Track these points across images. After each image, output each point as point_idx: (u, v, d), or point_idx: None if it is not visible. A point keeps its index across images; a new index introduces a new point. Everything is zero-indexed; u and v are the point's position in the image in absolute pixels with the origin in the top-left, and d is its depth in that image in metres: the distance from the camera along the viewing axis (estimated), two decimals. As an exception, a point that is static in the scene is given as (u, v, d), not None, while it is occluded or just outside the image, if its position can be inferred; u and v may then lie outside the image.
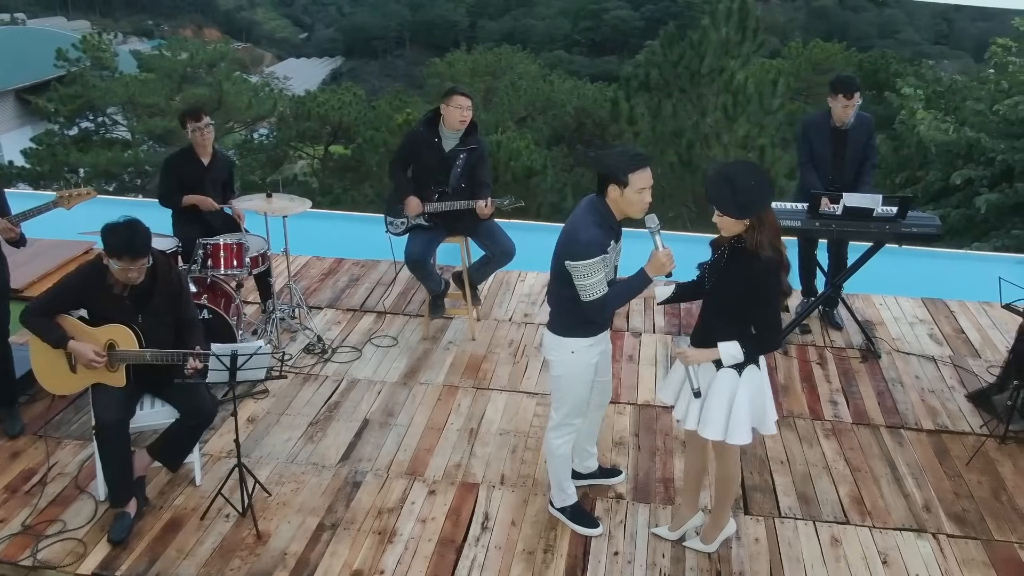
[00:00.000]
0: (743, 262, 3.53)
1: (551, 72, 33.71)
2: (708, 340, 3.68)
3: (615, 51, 61.43)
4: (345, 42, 63.59)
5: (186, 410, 4.26)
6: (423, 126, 5.57)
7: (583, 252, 3.62)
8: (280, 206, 5.41)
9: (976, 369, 5.70)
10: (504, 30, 60.88)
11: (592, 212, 3.72)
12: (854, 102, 5.71)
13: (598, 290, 3.67)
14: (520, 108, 30.32)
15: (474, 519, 4.30)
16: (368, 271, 7.05)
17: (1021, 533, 4.27)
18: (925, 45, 58.55)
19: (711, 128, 16.27)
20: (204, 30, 55.68)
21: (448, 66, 31.85)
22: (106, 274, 4.13)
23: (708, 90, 16.36)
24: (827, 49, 34.91)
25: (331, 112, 28.33)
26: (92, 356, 4.11)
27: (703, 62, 15.96)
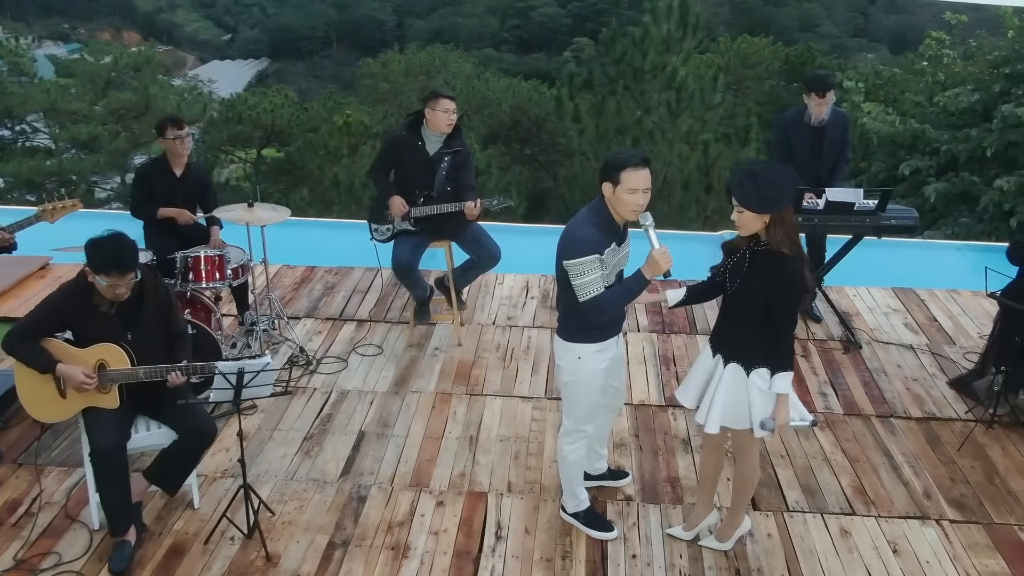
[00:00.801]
0: (767, 264, 3.53)
1: (484, 71, 33.68)
2: (732, 343, 3.69)
3: (543, 48, 61.75)
4: (270, 43, 62.57)
5: (185, 430, 4.09)
6: (405, 129, 5.47)
7: (577, 249, 3.59)
8: (262, 216, 5.25)
9: (953, 356, 5.85)
10: (432, 29, 60.64)
11: (591, 212, 3.69)
12: (827, 100, 5.82)
13: (593, 289, 3.62)
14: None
15: (487, 529, 4.23)
16: (343, 278, 6.91)
17: (1019, 515, 4.39)
18: (844, 38, 60.21)
19: (655, 124, 16.44)
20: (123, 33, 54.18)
21: (382, 66, 31.53)
22: (92, 292, 3.95)
23: (651, 87, 16.54)
24: (754, 44, 35.63)
25: (263, 115, 27.82)
26: (82, 378, 3.93)
27: (646, 59, 16.11)
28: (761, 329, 3.60)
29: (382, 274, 6.83)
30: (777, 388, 3.60)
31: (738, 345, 3.68)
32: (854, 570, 4.02)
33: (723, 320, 3.80)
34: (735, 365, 3.69)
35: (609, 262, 3.69)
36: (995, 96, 10.66)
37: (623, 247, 3.79)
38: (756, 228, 3.54)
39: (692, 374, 3.95)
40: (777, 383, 3.60)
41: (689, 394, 3.93)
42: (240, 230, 5.54)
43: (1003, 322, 5.20)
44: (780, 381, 3.59)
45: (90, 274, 3.88)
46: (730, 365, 3.70)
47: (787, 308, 3.59)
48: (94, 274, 3.84)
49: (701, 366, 3.89)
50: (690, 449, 4.88)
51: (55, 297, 4.03)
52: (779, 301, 3.54)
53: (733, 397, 3.72)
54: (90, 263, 3.84)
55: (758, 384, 3.64)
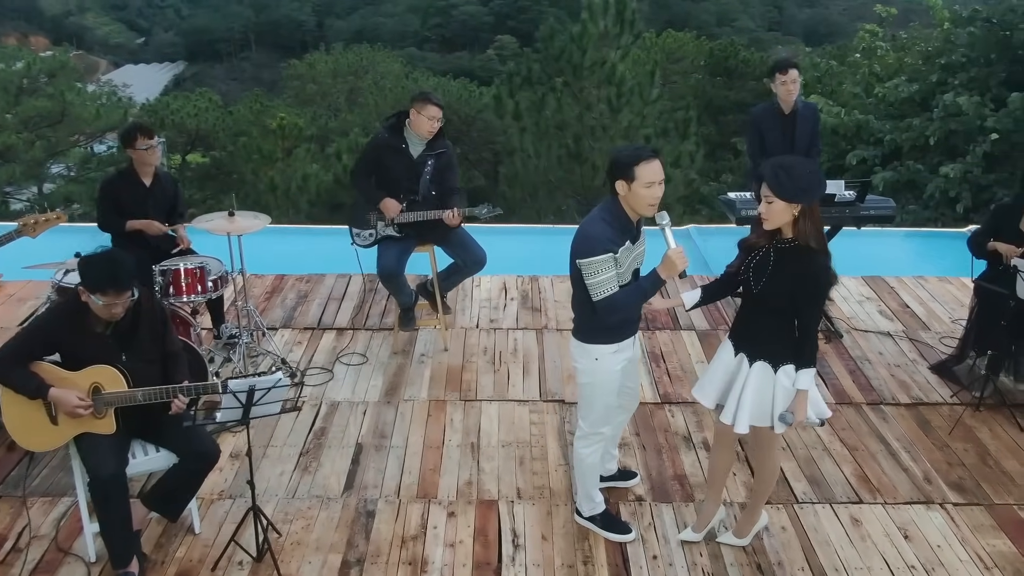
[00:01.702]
0: (794, 260, 3.51)
1: (413, 70, 33.48)
2: (758, 341, 3.67)
3: (466, 47, 61.70)
4: (186, 46, 61.00)
5: (187, 453, 3.91)
6: (387, 132, 5.34)
7: (589, 248, 3.56)
8: (243, 224, 5.06)
9: (930, 341, 5.99)
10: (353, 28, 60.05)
11: (603, 211, 3.65)
12: (791, 77, 5.89)
13: (607, 288, 3.58)
14: (386, 107, 29.94)
15: (503, 538, 4.15)
16: (315, 286, 6.73)
17: (1016, 495, 4.50)
18: (760, 32, 61.64)
19: (596, 121, 16.50)
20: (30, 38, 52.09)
21: (308, 67, 31.10)
22: (86, 313, 3.74)
23: (590, 83, 16.59)
24: (679, 39, 36.20)
25: (187, 119, 27.11)
26: (77, 403, 3.71)
27: (585, 55, 16.15)
28: (787, 326, 3.60)
29: (364, 280, 6.68)
30: (801, 384, 3.60)
31: (764, 343, 3.66)
32: (870, 558, 4.06)
33: (746, 318, 3.77)
34: (762, 363, 3.67)
35: (624, 261, 3.64)
36: (933, 86, 11.03)
37: (638, 245, 3.75)
38: (784, 221, 3.51)
39: (711, 373, 3.90)
40: (801, 379, 3.59)
41: (708, 394, 3.89)
42: (216, 240, 5.33)
43: (981, 307, 5.33)
44: (804, 377, 3.59)
45: (84, 293, 3.68)
46: (757, 364, 3.68)
47: (814, 304, 3.60)
48: (89, 293, 3.64)
49: (721, 365, 3.84)
50: (692, 445, 4.88)
51: (46, 319, 3.81)
52: (806, 297, 3.53)
53: (760, 395, 3.70)
54: (84, 282, 3.64)
55: (784, 382, 3.64)
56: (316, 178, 18.28)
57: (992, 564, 4.03)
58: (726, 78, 32.98)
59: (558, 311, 6.36)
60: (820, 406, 3.83)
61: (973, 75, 10.73)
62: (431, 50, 60.13)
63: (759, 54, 34.22)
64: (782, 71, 5.85)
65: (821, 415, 3.82)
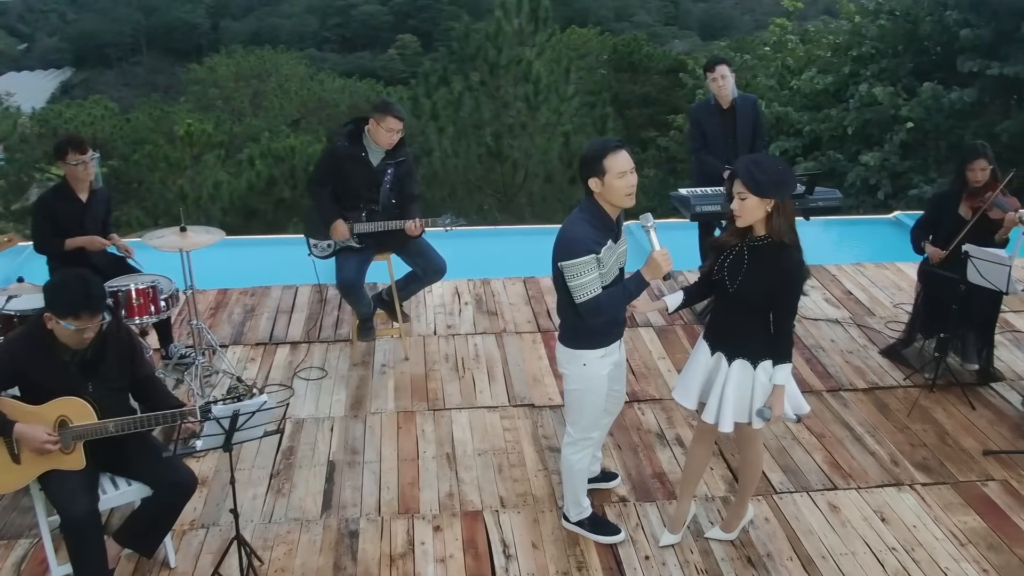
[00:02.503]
0: (769, 257, 3.53)
1: (318, 71, 32.90)
2: (736, 340, 3.69)
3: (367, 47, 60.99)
4: (73, 51, 58.43)
5: (163, 485, 3.72)
6: (346, 140, 5.19)
7: (571, 250, 3.52)
8: (196, 240, 4.85)
9: (876, 326, 6.18)
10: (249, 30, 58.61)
11: (583, 212, 3.62)
12: (719, 73, 6.01)
13: (590, 291, 3.56)
14: (292, 110, 29.40)
15: (493, 549, 4.09)
16: (260, 299, 6.51)
17: (978, 471, 4.68)
18: (658, 26, 62.80)
19: (514, 119, 16.51)
20: (-100, 45, 49.14)
21: (209, 71, 30.19)
22: (50, 341, 3.52)
23: (506, 81, 16.59)
24: (583, 35, 36.57)
25: (81, 128, 25.95)
26: (45, 438, 3.49)
27: (501, 54, 16.13)
28: (763, 323, 3.63)
29: (312, 291, 6.51)
30: (777, 379, 3.64)
31: (741, 341, 3.68)
32: (852, 543, 4.15)
33: (723, 317, 3.79)
34: (741, 361, 3.69)
35: (607, 260, 3.61)
36: (846, 78, 11.43)
37: (620, 243, 3.72)
38: (756, 218, 3.53)
39: (689, 374, 3.90)
40: (778, 374, 3.64)
41: (689, 395, 3.88)
42: (155, 256, 5.08)
43: (928, 292, 5.51)
44: (781, 372, 3.63)
45: (51, 320, 3.45)
46: (736, 362, 3.70)
47: (791, 299, 3.64)
48: (58, 319, 3.42)
49: (699, 365, 3.84)
50: (666, 442, 4.90)
51: (5, 350, 3.55)
52: (783, 293, 3.58)
53: (741, 393, 3.73)
54: (53, 307, 3.43)
55: (763, 379, 3.68)
56: (228, 185, 17.75)
57: (966, 540, 4.17)
58: (631, 73, 33.43)
59: (514, 314, 6.32)
60: (798, 400, 3.88)
61: (883, 66, 11.18)
62: (331, 51, 59.21)
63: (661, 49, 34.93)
64: (710, 69, 6.00)
65: (799, 410, 3.87)
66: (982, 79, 10.01)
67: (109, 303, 3.77)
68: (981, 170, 5.13)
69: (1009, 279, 4.83)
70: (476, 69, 16.37)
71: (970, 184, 5.20)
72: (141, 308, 4.73)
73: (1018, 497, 4.48)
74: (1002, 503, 4.43)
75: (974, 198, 5.23)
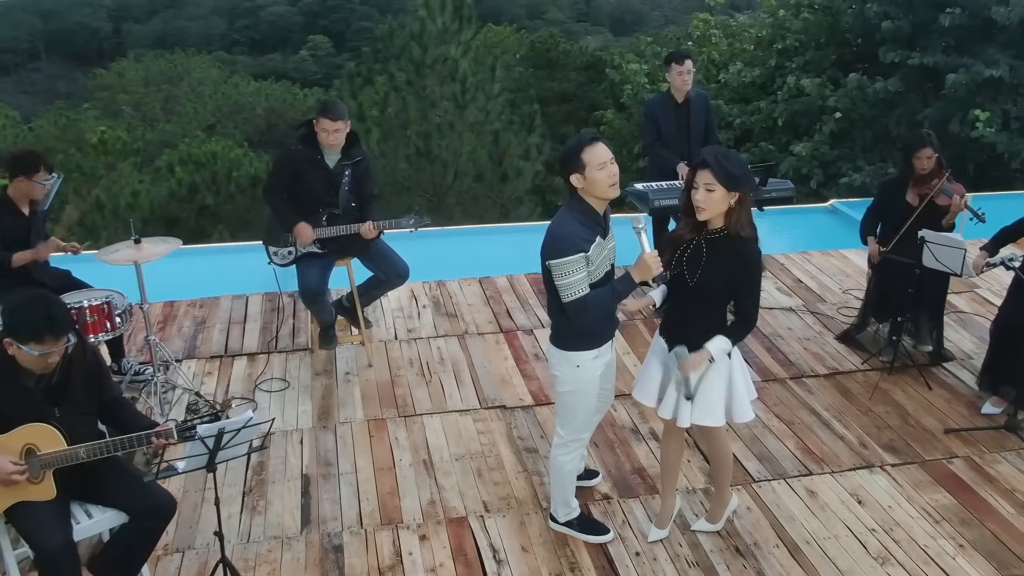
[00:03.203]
0: (728, 249, 3.52)
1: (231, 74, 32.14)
2: (694, 333, 3.64)
3: (278, 48, 59.83)
4: (-35, 58, 55.72)
5: (140, 510, 3.54)
6: (300, 144, 5.04)
7: (560, 249, 3.48)
8: (151, 251, 4.64)
9: (829, 312, 6.31)
10: (154, 34, 56.90)
11: (569, 210, 3.58)
12: (686, 67, 6.06)
13: (578, 290, 3.53)
14: (207, 115, 28.67)
15: (483, 555, 4.02)
16: (210, 311, 6.28)
17: (942, 449, 4.82)
18: (570, 23, 63.25)
19: (441, 118, 16.39)
20: None
21: (117, 76, 29.19)
22: (12, 367, 3.32)
23: (432, 80, 16.45)
24: (500, 32, 36.57)
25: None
26: (11, 468, 3.29)
27: (426, 53, 15.99)
28: (720, 314, 3.65)
29: (264, 299, 6.33)
30: (711, 345, 3.57)
31: (700, 335, 3.64)
32: (833, 527, 4.23)
33: (681, 312, 3.74)
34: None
35: (596, 258, 3.58)
36: (772, 71, 11.70)
37: (608, 240, 3.69)
38: (720, 211, 3.50)
39: (647, 372, 3.87)
40: (715, 342, 3.57)
41: (649, 392, 3.85)
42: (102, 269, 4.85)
43: (879, 277, 5.66)
44: (718, 342, 3.57)
45: (11, 345, 3.25)
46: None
47: (753, 289, 3.63)
48: (20, 344, 3.22)
49: (656, 362, 3.83)
50: (641, 437, 4.91)
51: None
52: (745, 284, 3.57)
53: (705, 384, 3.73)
54: (14, 331, 3.23)
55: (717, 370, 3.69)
56: (148, 194, 17.17)
57: (940, 517, 4.29)
58: (548, 70, 33.57)
59: (474, 315, 6.25)
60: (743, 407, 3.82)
61: (808, 58, 11.47)
62: (241, 53, 57.84)
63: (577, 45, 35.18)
64: (679, 61, 6.01)
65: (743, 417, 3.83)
66: (903, 69, 10.37)
67: (74, 324, 3.57)
68: (927, 158, 5.28)
69: (963, 262, 4.99)
70: (402, 69, 16.20)
71: (916, 172, 5.35)
72: (96, 325, 4.51)
73: (982, 472, 4.63)
74: (968, 479, 4.58)
75: (921, 186, 5.38)
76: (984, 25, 9.91)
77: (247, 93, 29.68)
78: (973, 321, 6.20)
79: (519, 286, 6.71)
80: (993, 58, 9.87)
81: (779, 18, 11.82)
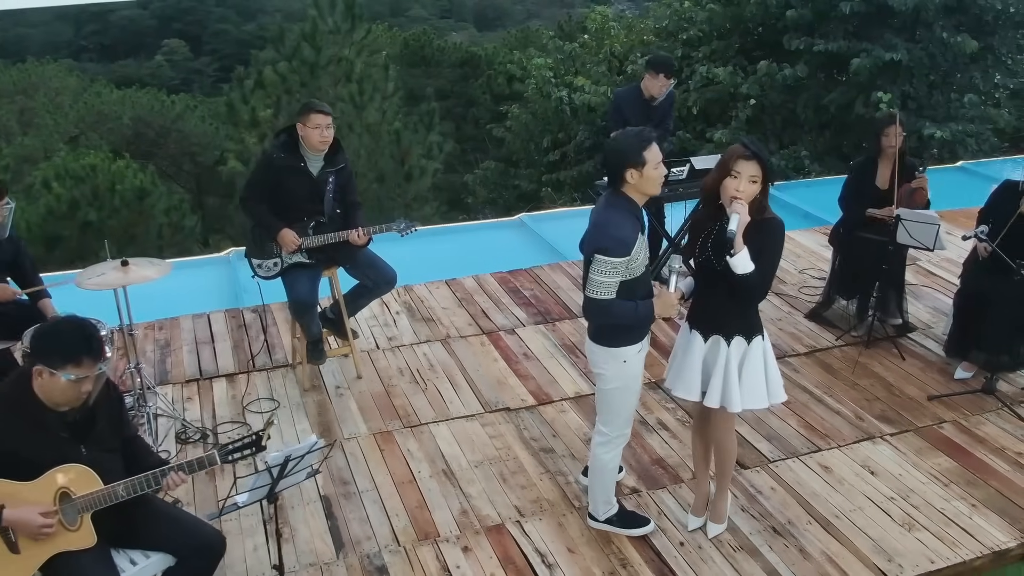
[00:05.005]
0: (755, 231, 3.52)
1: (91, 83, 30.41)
2: (728, 319, 3.71)
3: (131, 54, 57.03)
4: None
5: (188, 550, 3.31)
6: (281, 151, 4.80)
7: (611, 248, 3.46)
8: (140, 275, 4.32)
9: (793, 293, 6.52)
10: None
11: (619, 209, 3.55)
12: (671, 82, 6.15)
13: (607, 292, 3.50)
14: (69, 126, 27.01)
15: (531, 561, 3.95)
16: (172, 332, 5.91)
17: (931, 415, 5.06)
18: (435, 20, 62.98)
19: (339, 119, 16.00)
20: None
21: (-39, 89, 27.02)
22: (34, 405, 3.04)
23: (327, 82, 16.06)
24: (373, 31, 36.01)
25: None
26: (41, 521, 3.00)
27: (320, 53, 15.60)
28: None
29: (227, 316, 6.00)
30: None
31: (734, 319, 3.71)
32: (855, 499, 4.37)
33: (710, 299, 3.74)
34: (739, 339, 3.74)
35: (638, 255, 3.56)
36: (679, 60, 11.94)
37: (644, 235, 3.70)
38: (755, 193, 3.54)
39: (685, 366, 3.84)
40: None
41: (690, 387, 3.83)
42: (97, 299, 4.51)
43: (845, 256, 5.88)
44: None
45: (42, 374, 2.97)
46: (735, 340, 3.73)
47: (775, 265, 3.69)
48: (54, 370, 2.95)
49: (695, 354, 3.80)
50: (651, 428, 4.94)
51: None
52: (771, 261, 3.61)
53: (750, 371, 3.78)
54: (48, 356, 2.96)
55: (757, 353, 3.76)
56: (23, 212, 16.04)
57: (948, 480, 4.50)
58: (423, 67, 33.38)
59: (452, 318, 6.13)
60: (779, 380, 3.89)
61: (714, 48, 11.82)
62: (90, 60, 54.83)
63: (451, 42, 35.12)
64: (668, 75, 6.12)
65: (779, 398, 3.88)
66: (807, 55, 10.83)
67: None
68: (895, 135, 5.52)
69: (936, 237, 5.25)
70: (295, 71, 15.74)
71: (884, 149, 5.57)
72: (87, 356, 4.14)
73: (971, 434, 4.89)
74: (961, 442, 4.82)
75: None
76: (881, 11, 10.47)
77: (111, 102, 28.15)
78: (922, 292, 6.52)
79: (488, 286, 6.63)
80: (891, 42, 10.45)
81: (683, 9, 12.12)
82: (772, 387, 3.88)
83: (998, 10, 10.75)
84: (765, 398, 3.84)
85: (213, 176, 27.10)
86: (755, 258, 3.50)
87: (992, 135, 11.15)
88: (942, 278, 6.70)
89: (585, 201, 13.20)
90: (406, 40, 34.17)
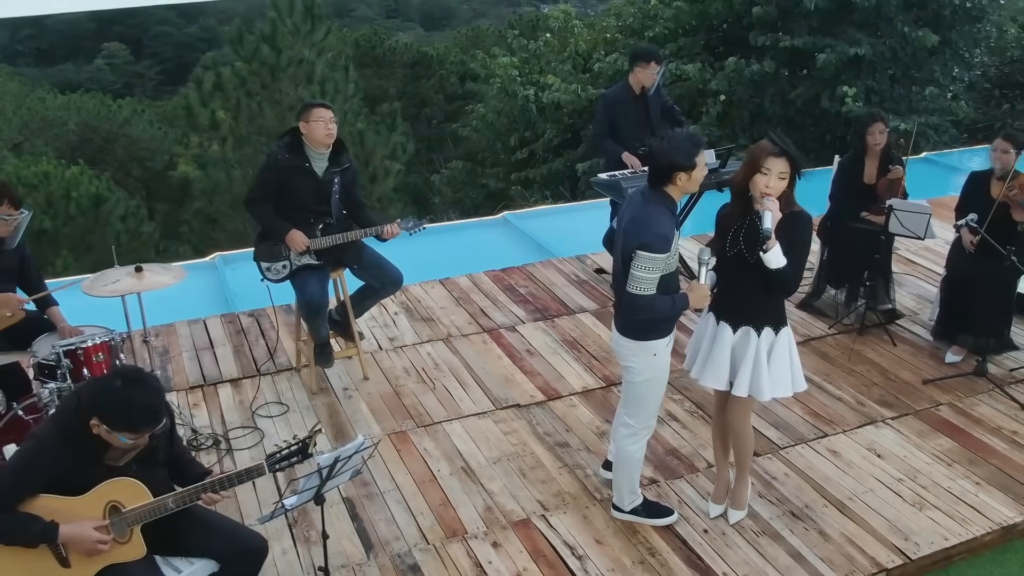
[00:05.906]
0: (785, 224, 3.60)
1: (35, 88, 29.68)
2: (756, 311, 3.81)
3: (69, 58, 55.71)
4: None
5: (231, 555, 3.29)
6: (286, 152, 4.77)
7: (654, 244, 3.54)
8: (154, 281, 4.26)
9: (781, 284, 6.65)
10: (-88, 47, 51.53)
11: (661, 208, 3.62)
12: (661, 68, 6.23)
13: (649, 287, 3.57)
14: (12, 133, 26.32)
15: (561, 554, 4.00)
16: (169, 339, 5.83)
17: (927, 398, 5.22)
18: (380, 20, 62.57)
19: (302, 120, 15.86)
20: None
21: None
22: (98, 447, 3.00)
23: (288, 84, 15.88)
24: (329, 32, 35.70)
25: None
26: (97, 536, 2.98)
27: (280, 55, 15.41)
28: None
29: (223, 321, 5.94)
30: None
31: (764, 310, 3.82)
32: (866, 481, 4.50)
33: (741, 291, 3.82)
34: (768, 329, 3.85)
35: (673, 251, 3.65)
36: (646, 57, 12.06)
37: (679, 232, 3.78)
38: (783, 188, 3.67)
39: (713, 356, 3.91)
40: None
41: (718, 376, 3.91)
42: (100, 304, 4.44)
43: (834, 246, 6.04)
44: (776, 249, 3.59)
45: (98, 427, 2.92)
46: (764, 330, 3.83)
47: (806, 257, 3.80)
48: (112, 430, 2.91)
49: (724, 344, 3.88)
50: (662, 420, 5.01)
51: (39, 450, 2.96)
52: (802, 253, 3.70)
53: (778, 361, 3.90)
54: (107, 418, 2.90)
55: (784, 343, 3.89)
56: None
57: (951, 460, 4.66)
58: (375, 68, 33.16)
59: (451, 317, 6.14)
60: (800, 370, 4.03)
61: (680, 45, 11.98)
62: (27, 65, 53.38)
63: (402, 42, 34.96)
64: (658, 61, 6.17)
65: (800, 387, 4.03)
66: (773, 51, 11.04)
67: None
68: (880, 132, 5.68)
69: (927, 226, 5.41)
70: (255, 73, 15.53)
71: (870, 147, 5.73)
72: (105, 364, 4.09)
73: (967, 416, 5.06)
74: (959, 423, 4.99)
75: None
76: (843, 7, 10.73)
77: (55, 107, 27.57)
78: (905, 280, 6.71)
79: (483, 284, 6.65)
80: (855, 38, 10.71)
81: (648, 7, 12.26)
82: (795, 376, 3.99)
83: (955, 5, 11.10)
84: (790, 386, 3.94)
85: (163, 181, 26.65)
86: (786, 252, 3.58)
87: (951, 127, 11.50)
88: (923, 266, 6.90)
89: (556, 199, 13.33)
90: (357, 41, 33.89)
